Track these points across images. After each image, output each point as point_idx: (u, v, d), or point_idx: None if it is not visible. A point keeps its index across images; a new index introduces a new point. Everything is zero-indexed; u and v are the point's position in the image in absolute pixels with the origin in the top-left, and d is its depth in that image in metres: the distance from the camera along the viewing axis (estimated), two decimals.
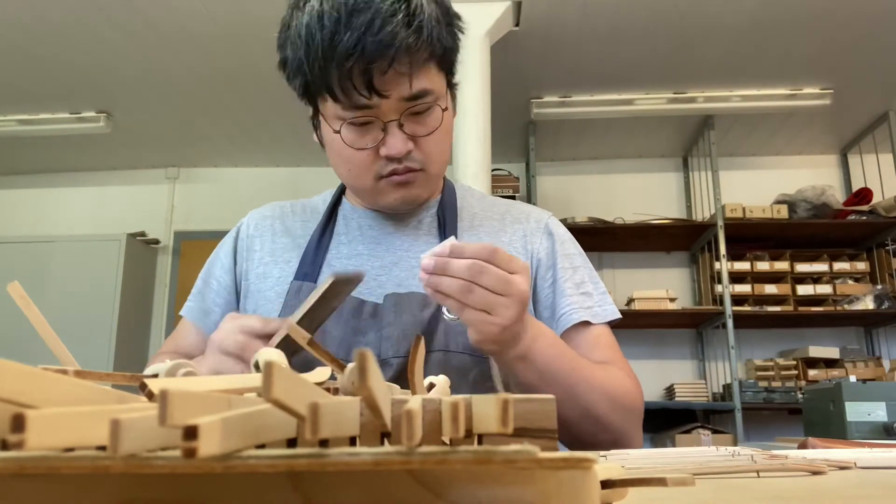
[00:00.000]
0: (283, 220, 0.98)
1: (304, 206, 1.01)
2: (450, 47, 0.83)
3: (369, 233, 0.93)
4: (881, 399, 2.02)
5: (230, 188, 4.34)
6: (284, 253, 0.94)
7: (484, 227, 0.95)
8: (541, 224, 0.96)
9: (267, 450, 0.19)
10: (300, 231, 0.96)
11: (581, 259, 0.95)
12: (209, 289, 0.96)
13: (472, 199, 1.00)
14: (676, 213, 4.02)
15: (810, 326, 3.77)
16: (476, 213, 0.97)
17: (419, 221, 0.94)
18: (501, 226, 0.95)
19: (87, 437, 0.19)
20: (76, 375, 0.31)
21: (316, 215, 0.98)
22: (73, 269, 3.97)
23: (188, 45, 3.01)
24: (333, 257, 0.91)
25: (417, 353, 0.35)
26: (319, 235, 0.93)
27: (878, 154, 3.82)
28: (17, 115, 3.63)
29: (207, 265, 0.99)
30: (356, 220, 0.95)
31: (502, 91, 3.14)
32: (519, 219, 0.97)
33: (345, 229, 0.94)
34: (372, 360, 0.19)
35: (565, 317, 0.88)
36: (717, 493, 0.34)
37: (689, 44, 3.03)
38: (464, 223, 0.94)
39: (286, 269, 0.92)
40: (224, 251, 0.98)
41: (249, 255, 0.96)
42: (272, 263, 0.93)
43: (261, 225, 0.98)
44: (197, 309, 0.95)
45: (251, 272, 0.94)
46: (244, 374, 0.34)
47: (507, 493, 0.19)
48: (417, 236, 0.92)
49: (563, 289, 0.90)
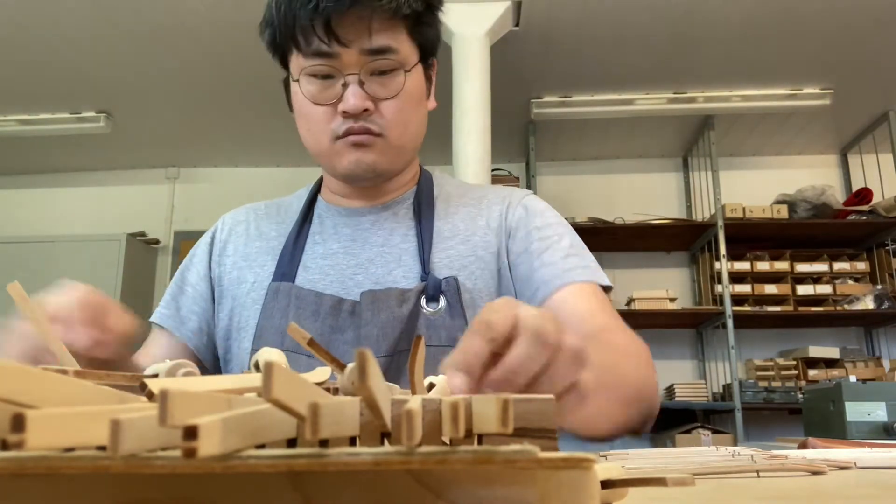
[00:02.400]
0: (258, 223, 0.97)
1: (279, 206, 0.99)
2: (420, 13, 0.81)
3: (344, 230, 0.91)
4: (881, 399, 2.02)
5: (230, 188, 4.34)
6: (258, 257, 0.92)
7: (459, 213, 0.92)
8: (517, 199, 0.93)
9: (267, 450, 0.19)
10: (274, 233, 0.94)
11: (563, 227, 0.90)
12: (184, 296, 0.94)
13: (448, 186, 0.97)
14: (676, 213, 4.02)
15: (810, 326, 3.77)
16: (453, 201, 0.94)
17: (394, 213, 0.92)
18: (477, 210, 0.92)
19: (87, 437, 0.19)
20: (76, 375, 0.31)
21: (291, 215, 0.96)
22: (73, 269, 3.97)
23: (188, 45, 3.01)
24: (309, 258, 0.89)
25: (417, 354, 0.35)
26: (295, 236, 0.91)
27: (878, 154, 3.82)
28: (17, 115, 3.63)
29: (181, 271, 0.96)
30: (331, 218, 0.93)
31: (502, 91, 3.14)
32: (496, 200, 0.93)
33: (319, 228, 0.93)
34: (372, 360, 0.19)
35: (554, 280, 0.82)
36: (717, 493, 0.34)
37: (689, 44, 3.03)
38: (439, 212, 0.92)
39: (261, 273, 0.90)
40: (199, 257, 0.96)
41: (222, 260, 0.94)
42: (246, 268, 0.92)
43: (234, 229, 0.97)
44: (170, 316, 0.93)
45: (224, 277, 0.93)
46: (244, 375, 0.34)
47: (507, 493, 0.19)
48: (393, 230, 0.90)
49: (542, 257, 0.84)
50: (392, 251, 0.88)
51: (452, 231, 0.90)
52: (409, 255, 0.87)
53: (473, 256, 0.87)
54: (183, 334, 0.92)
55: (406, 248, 0.88)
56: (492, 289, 0.86)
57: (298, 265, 0.88)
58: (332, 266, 0.88)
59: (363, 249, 0.89)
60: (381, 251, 0.88)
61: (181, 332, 0.92)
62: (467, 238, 0.89)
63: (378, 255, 0.88)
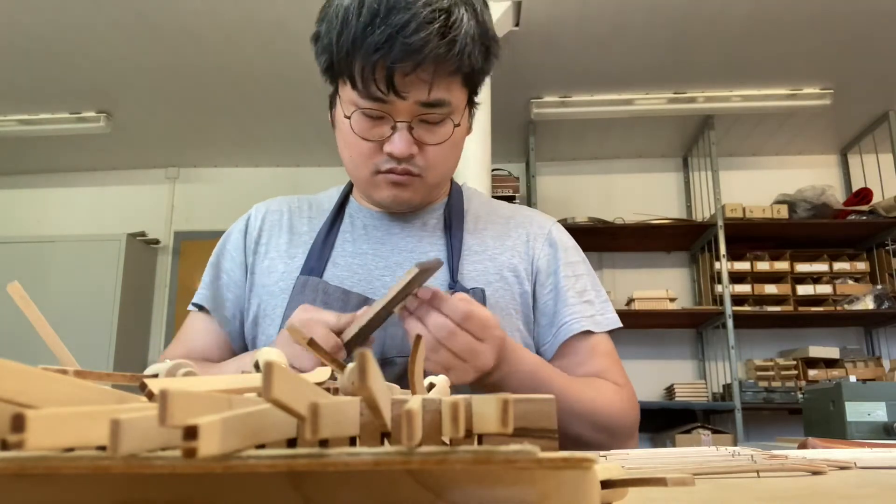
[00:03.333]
0: (290, 215, 0.98)
1: (311, 202, 1.01)
2: (479, 68, 0.83)
3: (374, 233, 0.93)
4: (881, 399, 2.02)
5: (230, 188, 4.34)
6: (290, 248, 0.94)
7: (488, 230, 0.95)
8: (543, 230, 0.97)
9: (267, 450, 0.19)
10: (306, 227, 0.96)
11: (584, 267, 0.95)
12: (220, 283, 0.95)
13: (477, 202, 1.01)
14: (676, 213, 4.02)
15: (810, 326, 3.77)
16: (481, 217, 0.97)
17: (424, 223, 0.94)
18: (505, 229, 0.96)
19: (87, 437, 0.19)
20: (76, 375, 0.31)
21: (322, 213, 0.98)
22: (73, 269, 3.97)
23: (188, 45, 3.01)
24: (338, 255, 0.91)
25: (417, 354, 0.35)
26: (326, 232, 0.93)
27: (878, 154, 3.82)
28: (17, 115, 3.63)
29: (216, 258, 0.98)
30: (361, 219, 0.95)
31: (502, 91, 3.14)
32: (523, 223, 0.97)
33: (350, 227, 0.95)
34: (372, 360, 0.19)
35: (567, 326, 0.89)
36: (717, 493, 0.34)
37: (689, 44, 3.03)
38: (468, 226, 0.95)
39: (291, 264, 0.92)
40: (233, 244, 0.97)
41: (257, 249, 0.96)
42: (277, 258, 0.93)
43: (268, 219, 0.98)
44: (211, 298, 0.94)
45: (257, 266, 0.94)
46: (244, 375, 0.34)
47: (507, 493, 0.19)
48: (422, 237, 0.92)
49: (565, 297, 0.90)
50: (421, 257, 0.90)
51: (482, 247, 0.93)
52: None
53: (498, 275, 0.90)
54: (220, 318, 0.93)
55: (435, 255, 0.90)
56: (511, 309, 0.89)
57: (328, 261, 0.90)
58: (361, 265, 0.90)
59: (392, 253, 0.91)
60: (409, 256, 0.91)
61: (219, 315, 0.94)
62: (495, 256, 0.92)
63: (407, 259, 0.90)
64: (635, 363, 3.80)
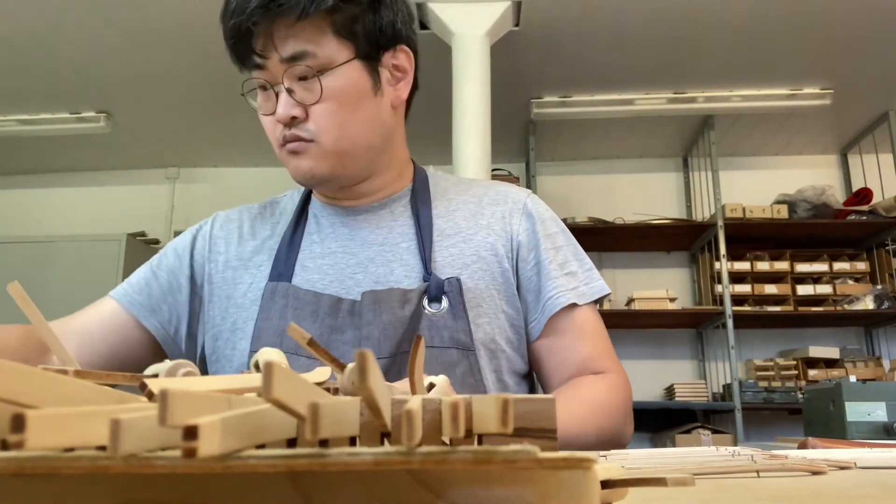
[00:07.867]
0: (251, 222, 0.95)
1: (272, 205, 0.98)
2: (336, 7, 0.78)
3: (341, 230, 0.90)
4: (881, 399, 2.02)
5: (230, 188, 4.34)
6: (254, 257, 0.91)
7: (460, 210, 0.91)
8: (518, 204, 0.92)
9: (267, 450, 0.19)
10: (269, 233, 0.93)
11: (563, 237, 0.92)
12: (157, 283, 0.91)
13: (446, 183, 0.96)
14: (676, 213, 4.02)
15: (810, 326, 3.77)
16: (451, 198, 0.93)
17: (391, 212, 0.91)
18: (478, 208, 0.92)
19: (87, 437, 0.19)
20: (76, 375, 0.31)
21: (284, 215, 0.95)
22: (73, 269, 3.96)
23: (188, 45, 3.01)
24: (306, 257, 0.88)
25: (417, 354, 0.35)
26: (291, 235, 0.90)
27: (878, 154, 3.83)
28: (17, 115, 3.63)
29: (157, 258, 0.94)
30: (326, 216, 0.92)
31: (502, 91, 3.14)
32: (496, 200, 0.93)
33: (316, 228, 0.91)
34: (372, 360, 0.19)
35: (551, 301, 0.86)
36: (717, 493, 0.34)
37: (689, 44, 3.03)
38: (438, 209, 0.91)
39: (258, 274, 0.89)
40: (181, 250, 0.94)
41: (212, 257, 0.92)
42: (241, 269, 0.90)
43: (226, 227, 0.95)
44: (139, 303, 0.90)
45: (216, 276, 0.91)
46: (244, 375, 0.34)
47: (507, 493, 0.19)
48: (392, 228, 0.89)
49: (547, 271, 0.87)
50: (392, 249, 0.87)
51: (454, 229, 0.89)
52: (409, 253, 0.86)
53: (476, 256, 0.87)
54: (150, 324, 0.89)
55: (406, 246, 0.87)
56: (493, 290, 0.86)
57: (295, 264, 0.87)
58: (331, 265, 0.87)
59: (362, 248, 0.88)
60: (380, 250, 0.87)
61: (149, 322, 0.89)
62: (469, 237, 0.88)
63: (378, 253, 0.87)
64: (635, 363, 3.79)
